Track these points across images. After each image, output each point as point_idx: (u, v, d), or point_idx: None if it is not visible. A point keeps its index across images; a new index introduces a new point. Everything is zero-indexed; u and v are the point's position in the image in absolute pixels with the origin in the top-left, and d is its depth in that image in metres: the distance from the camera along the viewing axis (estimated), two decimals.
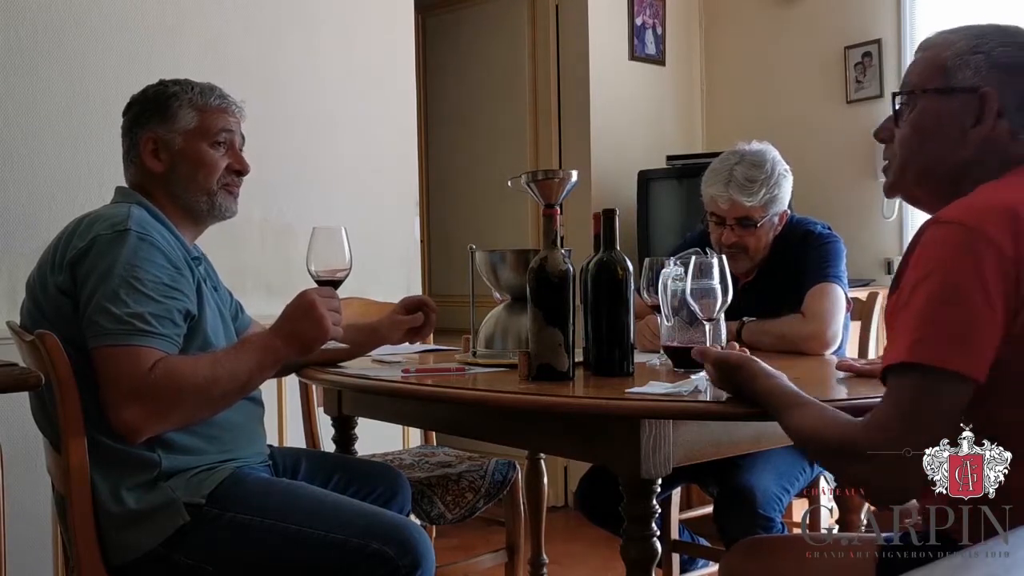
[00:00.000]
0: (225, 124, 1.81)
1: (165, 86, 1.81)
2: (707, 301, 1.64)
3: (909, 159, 1.34)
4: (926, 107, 1.31)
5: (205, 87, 1.82)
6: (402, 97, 3.37)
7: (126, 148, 1.82)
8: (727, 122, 4.40)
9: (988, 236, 1.14)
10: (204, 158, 1.78)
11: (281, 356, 1.67)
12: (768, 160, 2.29)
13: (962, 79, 1.28)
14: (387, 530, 1.60)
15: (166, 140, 1.77)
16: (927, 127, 1.31)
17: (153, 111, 1.78)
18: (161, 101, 1.78)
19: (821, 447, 1.26)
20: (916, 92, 1.33)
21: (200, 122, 1.78)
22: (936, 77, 1.30)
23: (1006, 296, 1.14)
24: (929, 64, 1.32)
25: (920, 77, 1.33)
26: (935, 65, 1.31)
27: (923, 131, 1.32)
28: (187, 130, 1.77)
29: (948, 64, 1.29)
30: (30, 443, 2.04)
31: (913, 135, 1.33)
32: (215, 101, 1.81)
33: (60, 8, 2.55)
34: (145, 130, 1.78)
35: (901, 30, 3.80)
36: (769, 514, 2.04)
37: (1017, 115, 1.28)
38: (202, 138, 1.78)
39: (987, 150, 1.28)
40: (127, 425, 1.54)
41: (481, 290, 2.11)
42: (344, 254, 1.77)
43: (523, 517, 2.53)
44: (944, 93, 1.29)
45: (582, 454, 1.77)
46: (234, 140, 1.83)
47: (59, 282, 1.61)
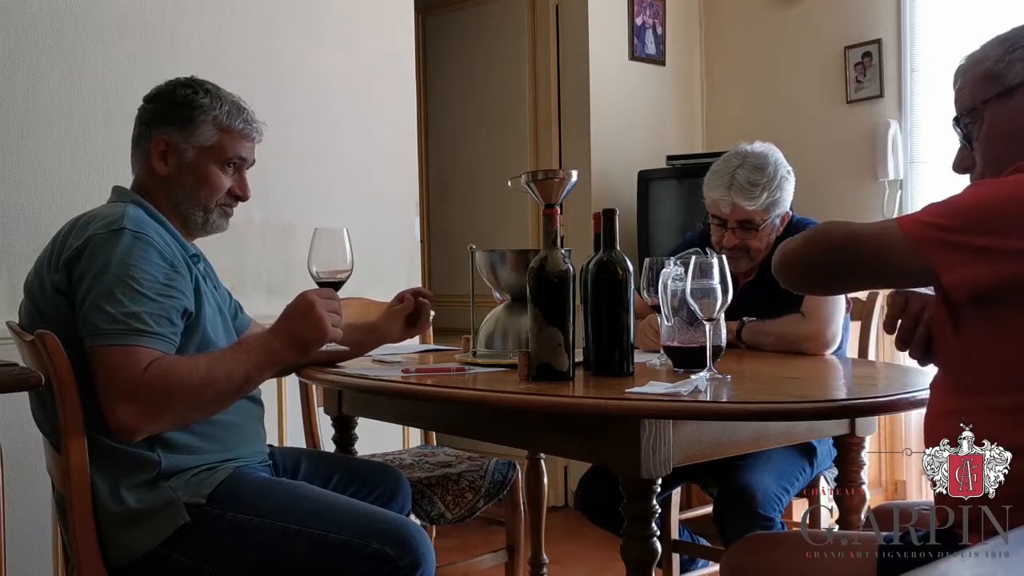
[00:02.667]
0: (242, 150, 1.80)
1: (196, 94, 1.77)
2: (707, 301, 1.64)
3: (1000, 165, 1.33)
4: (994, 117, 1.33)
5: (234, 106, 1.79)
6: (402, 97, 3.37)
7: (136, 136, 1.80)
8: (727, 122, 4.40)
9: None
10: (211, 178, 1.77)
11: (280, 357, 1.66)
12: (770, 163, 2.28)
13: (1013, 76, 1.31)
14: (387, 530, 1.60)
15: (179, 148, 1.75)
16: (1005, 132, 1.33)
17: (175, 115, 1.76)
18: (186, 110, 1.76)
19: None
20: (978, 108, 1.35)
21: (218, 142, 1.77)
22: (989, 87, 1.33)
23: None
24: (978, 80, 1.34)
25: (974, 95, 1.35)
26: (983, 78, 1.33)
27: (1004, 137, 1.33)
28: (203, 146, 1.76)
29: (995, 71, 1.32)
30: (30, 443, 2.04)
31: (995, 146, 1.34)
32: (239, 124, 1.79)
33: (60, 8, 2.55)
34: (161, 131, 1.76)
35: (901, 30, 3.80)
36: (769, 514, 2.04)
37: None
38: (215, 158, 1.77)
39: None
40: (122, 424, 1.54)
41: (481, 290, 2.11)
42: (346, 255, 1.77)
43: (523, 517, 2.53)
44: (1004, 96, 1.32)
45: (582, 454, 1.77)
46: (244, 165, 1.83)
47: (56, 282, 1.61)
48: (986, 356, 1.25)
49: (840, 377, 2.00)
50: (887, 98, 3.85)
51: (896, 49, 3.83)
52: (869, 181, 3.89)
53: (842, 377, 2.00)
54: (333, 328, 1.66)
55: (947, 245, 1.20)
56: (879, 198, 3.86)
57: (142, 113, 1.81)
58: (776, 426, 1.73)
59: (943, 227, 1.21)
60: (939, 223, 1.21)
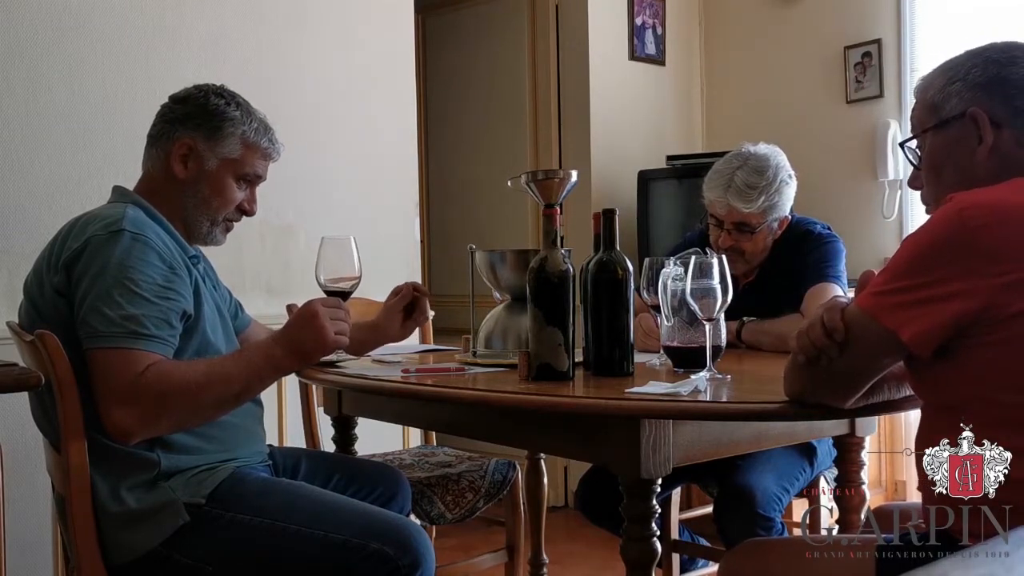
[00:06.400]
0: (261, 169, 1.82)
1: (228, 106, 1.78)
2: (707, 301, 1.64)
3: (939, 192, 1.40)
4: (933, 144, 1.40)
5: (262, 125, 1.81)
6: (402, 97, 3.37)
7: (156, 133, 1.79)
8: (727, 122, 4.40)
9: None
10: (226, 191, 1.78)
11: (281, 365, 1.65)
12: (771, 167, 2.27)
13: (950, 109, 1.37)
14: (387, 530, 1.60)
15: (201, 155, 1.76)
16: (940, 160, 1.40)
17: (204, 123, 1.76)
18: (217, 119, 1.76)
19: None
20: (918, 135, 1.43)
21: (241, 156, 1.78)
22: (929, 117, 1.40)
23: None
24: (921, 108, 1.42)
25: (918, 121, 1.43)
26: (925, 107, 1.41)
27: (939, 165, 1.40)
28: (226, 158, 1.77)
29: (935, 102, 1.39)
30: (30, 443, 2.04)
31: (932, 171, 1.42)
32: (264, 143, 1.81)
33: (60, 8, 2.55)
34: (186, 134, 1.75)
35: (901, 30, 3.80)
36: (769, 514, 2.04)
37: (1017, 121, 1.33)
38: (234, 171, 1.78)
39: (997, 162, 1.34)
40: (118, 427, 1.54)
41: (481, 290, 2.11)
42: (353, 263, 1.76)
43: (523, 517, 2.53)
44: (941, 127, 1.38)
45: (582, 454, 1.77)
46: (258, 182, 1.84)
47: (55, 283, 1.61)
48: (960, 399, 1.27)
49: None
50: (887, 98, 3.86)
51: (896, 49, 3.83)
52: (869, 181, 3.89)
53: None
54: (338, 337, 1.64)
55: (897, 307, 1.24)
56: (879, 198, 3.86)
57: (167, 112, 1.80)
58: (776, 426, 1.73)
59: (890, 291, 1.26)
60: (886, 289, 1.26)
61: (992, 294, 1.19)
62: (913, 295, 1.23)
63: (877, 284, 1.28)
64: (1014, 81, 1.33)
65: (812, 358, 1.31)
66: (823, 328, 1.29)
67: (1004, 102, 1.33)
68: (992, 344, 1.21)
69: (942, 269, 1.22)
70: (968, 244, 1.21)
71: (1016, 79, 1.33)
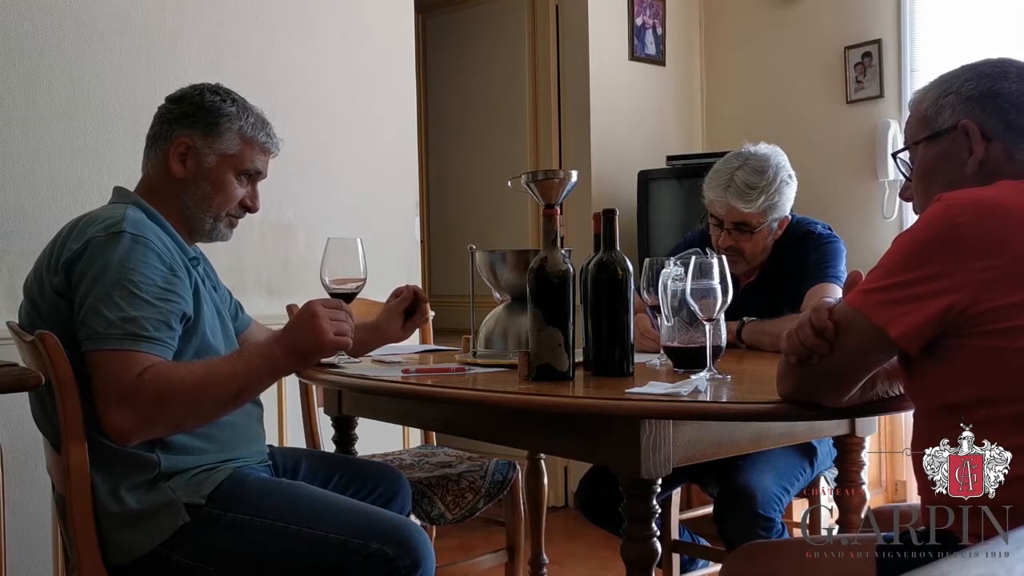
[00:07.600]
0: (260, 164, 1.82)
1: (223, 102, 1.78)
2: (707, 301, 1.64)
3: (928, 203, 1.41)
4: (924, 155, 1.43)
5: (259, 120, 1.81)
6: (402, 97, 3.37)
7: (154, 134, 1.80)
8: (727, 122, 4.40)
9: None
10: (227, 186, 1.78)
11: (280, 366, 1.64)
12: (771, 167, 2.27)
13: (942, 122, 1.39)
14: (387, 530, 1.60)
15: (200, 152, 1.76)
16: (930, 171, 1.43)
17: (200, 120, 1.76)
18: (213, 115, 1.76)
19: None
20: (910, 147, 1.46)
21: (240, 152, 1.78)
22: (922, 129, 1.43)
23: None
24: (914, 120, 1.45)
25: (911, 133, 1.46)
26: (919, 119, 1.44)
27: (929, 175, 1.43)
28: (225, 154, 1.77)
29: (928, 114, 1.42)
30: (30, 443, 2.04)
31: (921, 182, 1.44)
32: (262, 137, 1.81)
33: (60, 8, 2.55)
34: (183, 133, 1.76)
35: (901, 30, 3.80)
36: (769, 514, 2.04)
37: (1007, 135, 1.35)
38: (234, 167, 1.78)
39: (986, 175, 1.36)
40: (116, 429, 1.54)
41: (481, 290, 2.11)
42: (359, 265, 1.76)
43: (523, 517, 2.53)
44: (932, 139, 1.41)
45: (582, 454, 1.77)
46: (259, 178, 1.84)
47: (55, 284, 1.61)
48: (957, 392, 1.27)
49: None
50: (887, 98, 3.86)
51: (896, 49, 3.83)
52: (869, 181, 3.89)
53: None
54: (339, 338, 1.63)
55: (886, 303, 1.25)
56: (879, 198, 3.86)
57: (164, 112, 1.80)
58: (776, 426, 1.73)
59: (879, 288, 1.27)
60: (875, 286, 1.28)
61: (978, 288, 1.21)
62: (902, 292, 1.24)
63: (867, 282, 1.30)
64: (1006, 95, 1.35)
65: (803, 358, 1.32)
66: (812, 328, 1.30)
67: (996, 115, 1.35)
68: (987, 337, 1.22)
69: (930, 265, 1.23)
70: (955, 240, 1.22)
71: (1007, 93, 1.35)
